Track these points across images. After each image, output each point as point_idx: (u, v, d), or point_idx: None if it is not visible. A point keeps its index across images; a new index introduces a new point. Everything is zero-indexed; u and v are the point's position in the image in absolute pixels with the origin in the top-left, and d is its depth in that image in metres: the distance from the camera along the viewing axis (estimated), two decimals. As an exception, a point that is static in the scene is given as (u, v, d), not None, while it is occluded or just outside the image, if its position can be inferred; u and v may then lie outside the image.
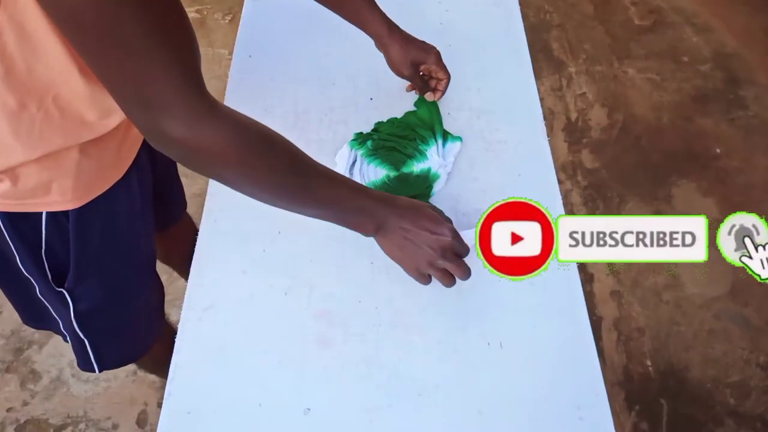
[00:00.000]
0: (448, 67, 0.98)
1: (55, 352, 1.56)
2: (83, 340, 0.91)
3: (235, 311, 0.79)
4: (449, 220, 0.78)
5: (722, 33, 2.46)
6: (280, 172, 0.65)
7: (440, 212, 0.78)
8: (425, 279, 0.76)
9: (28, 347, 1.58)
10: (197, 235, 0.86)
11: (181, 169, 1.07)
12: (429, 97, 0.99)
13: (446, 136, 0.99)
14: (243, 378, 0.73)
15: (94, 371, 0.96)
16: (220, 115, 0.59)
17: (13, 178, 0.70)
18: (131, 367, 1.53)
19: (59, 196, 0.74)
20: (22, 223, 0.76)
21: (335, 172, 0.71)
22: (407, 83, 1.03)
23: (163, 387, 0.89)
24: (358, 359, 0.75)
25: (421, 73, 0.98)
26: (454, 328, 0.77)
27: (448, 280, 0.75)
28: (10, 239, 0.77)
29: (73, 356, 1.53)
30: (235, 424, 0.69)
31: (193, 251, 0.84)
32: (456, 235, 0.74)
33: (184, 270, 0.84)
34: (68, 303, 0.85)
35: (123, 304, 0.93)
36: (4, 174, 0.70)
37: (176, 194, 1.18)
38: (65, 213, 0.77)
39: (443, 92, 0.99)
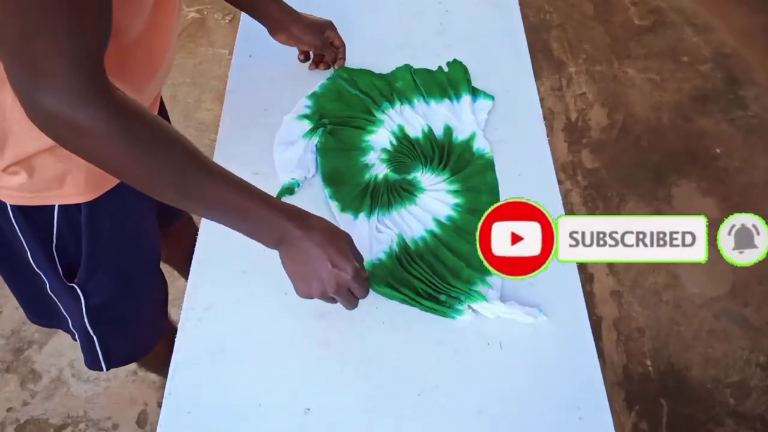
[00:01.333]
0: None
1: (55, 352, 1.56)
2: (92, 337, 0.91)
3: (235, 311, 0.79)
4: (360, 258, 0.73)
5: (722, 33, 2.46)
6: (165, 171, 0.61)
7: (353, 248, 0.72)
8: (310, 298, 0.73)
9: (28, 347, 1.58)
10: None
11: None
12: (338, 64, 1.05)
13: (477, 93, 1.03)
14: (243, 378, 0.73)
15: (102, 369, 0.96)
16: (108, 101, 0.56)
17: (29, 170, 0.71)
18: (131, 366, 1.53)
19: (73, 189, 0.75)
20: (35, 217, 0.76)
21: (237, 178, 0.66)
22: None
23: (163, 387, 0.89)
24: (358, 359, 0.75)
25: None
26: (454, 328, 0.77)
27: (332, 302, 0.73)
28: (22, 234, 0.78)
29: (73, 356, 1.54)
30: (235, 424, 0.69)
31: (194, 251, 0.85)
32: (357, 276, 0.70)
33: (185, 270, 0.84)
34: (80, 298, 0.86)
35: (131, 299, 0.94)
36: (20, 165, 0.70)
37: None
38: (77, 206, 0.77)
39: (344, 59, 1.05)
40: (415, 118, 1.00)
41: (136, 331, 1.00)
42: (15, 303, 1.62)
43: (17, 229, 0.78)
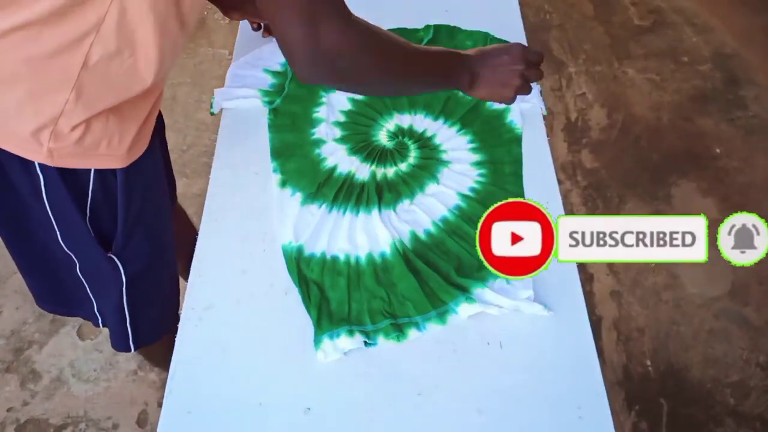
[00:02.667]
0: None
1: (55, 352, 1.56)
2: (125, 314, 0.93)
3: (235, 311, 0.79)
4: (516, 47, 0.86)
5: (722, 33, 2.46)
6: (395, 58, 0.75)
7: (503, 43, 0.88)
8: (516, 92, 0.86)
9: (28, 347, 1.58)
10: (197, 235, 0.87)
11: (181, 170, 1.08)
12: None
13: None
14: (243, 377, 0.73)
15: (129, 350, 0.98)
16: (357, 21, 0.70)
17: (87, 128, 0.73)
18: (131, 366, 1.53)
19: (115, 151, 0.78)
20: (71, 182, 0.78)
21: (431, 50, 0.81)
22: None
23: (163, 387, 0.89)
24: (358, 359, 0.75)
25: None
26: (454, 328, 0.77)
27: (528, 91, 0.87)
28: (53, 213, 0.80)
29: (73, 356, 1.54)
30: (235, 424, 0.69)
31: (192, 251, 0.85)
32: (524, 47, 0.85)
33: (185, 270, 0.85)
34: (119, 268, 0.87)
35: (164, 264, 0.97)
36: (86, 122, 0.73)
37: (169, 174, 1.19)
38: (113, 172, 0.79)
39: None
40: None
41: (162, 304, 1.01)
42: (15, 303, 1.63)
43: (48, 208, 0.79)
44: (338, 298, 0.79)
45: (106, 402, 1.49)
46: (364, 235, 0.85)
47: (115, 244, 0.86)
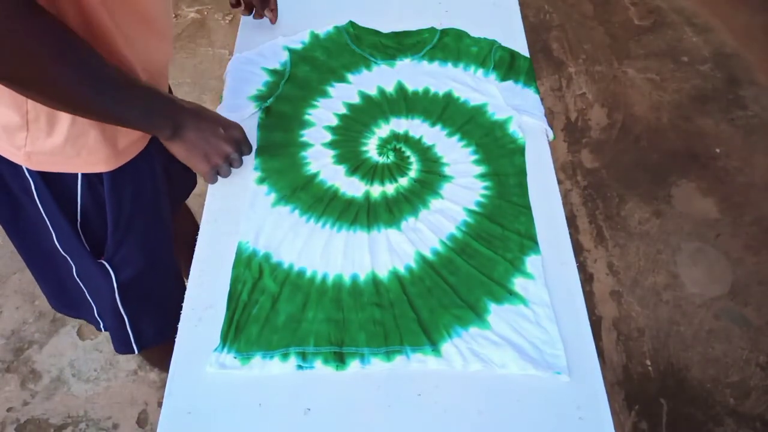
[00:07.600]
0: None
1: (56, 352, 1.57)
2: (123, 317, 0.93)
3: (235, 311, 0.79)
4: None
5: (722, 33, 2.46)
6: (82, 66, 0.63)
7: (225, 119, 0.84)
8: (212, 177, 0.84)
9: (28, 347, 1.58)
10: (197, 233, 0.86)
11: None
12: (271, 17, 1.11)
13: (524, 80, 1.05)
14: (243, 378, 0.73)
15: (133, 352, 0.98)
16: (41, 13, 0.57)
17: (62, 132, 0.72)
18: (131, 366, 1.53)
19: (97, 155, 0.76)
20: (60, 189, 0.77)
21: (136, 79, 0.73)
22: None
23: (163, 387, 0.89)
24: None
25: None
26: (454, 328, 0.77)
27: (225, 174, 0.84)
28: (46, 214, 0.80)
29: (73, 356, 1.54)
30: (235, 424, 0.69)
31: (193, 248, 0.84)
32: (242, 132, 0.84)
33: (185, 269, 0.84)
34: (110, 274, 0.87)
35: (158, 271, 0.95)
36: (57, 126, 0.72)
37: (185, 176, 1.19)
38: (99, 177, 0.79)
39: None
40: (423, 75, 1.04)
41: (164, 307, 1.00)
42: (15, 303, 1.64)
43: (41, 210, 0.79)
44: (289, 311, 0.76)
45: (106, 402, 1.49)
46: (341, 254, 0.82)
47: (106, 251, 0.85)
